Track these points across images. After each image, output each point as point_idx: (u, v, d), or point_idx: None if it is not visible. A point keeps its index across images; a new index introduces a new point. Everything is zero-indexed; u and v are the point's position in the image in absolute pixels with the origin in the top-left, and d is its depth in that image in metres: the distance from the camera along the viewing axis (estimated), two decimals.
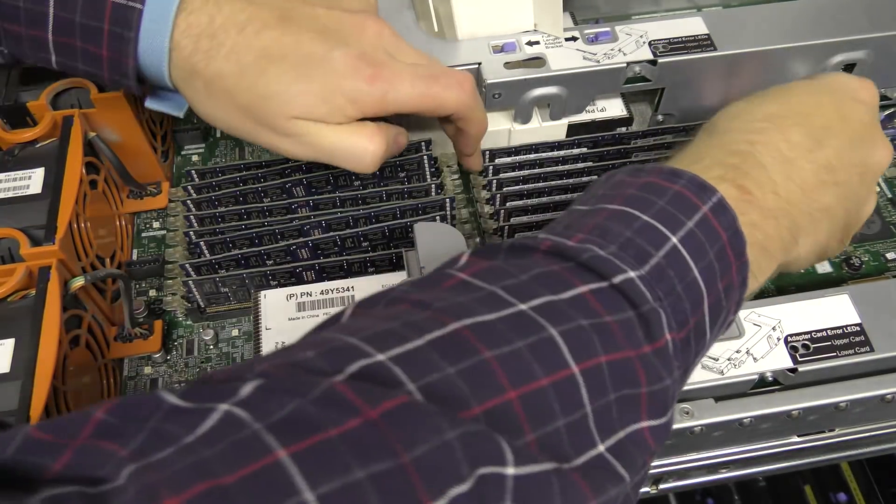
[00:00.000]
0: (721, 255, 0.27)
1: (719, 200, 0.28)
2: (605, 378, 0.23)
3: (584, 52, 0.44)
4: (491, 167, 0.45)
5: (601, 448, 0.23)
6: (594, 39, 0.45)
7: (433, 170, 0.45)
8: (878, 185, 0.49)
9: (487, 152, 0.46)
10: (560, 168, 0.45)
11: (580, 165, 0.45)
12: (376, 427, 0.19)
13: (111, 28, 0.35)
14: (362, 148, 0.36)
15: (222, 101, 0.36)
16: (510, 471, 0.20)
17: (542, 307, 0.24)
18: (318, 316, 0.38)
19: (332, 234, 0.41)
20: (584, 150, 0.46)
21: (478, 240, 0.45)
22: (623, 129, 0.48)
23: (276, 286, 0.41)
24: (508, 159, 0.46)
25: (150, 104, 0.40)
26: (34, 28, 0.35)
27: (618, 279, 0.25)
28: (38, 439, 0.18)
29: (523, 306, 0.23)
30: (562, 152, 0.46)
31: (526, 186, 0.44)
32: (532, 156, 0.46)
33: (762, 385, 0.34)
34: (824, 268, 0.45)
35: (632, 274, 0.25)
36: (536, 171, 0.45)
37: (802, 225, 0.32)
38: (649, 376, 0.24)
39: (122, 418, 0.18)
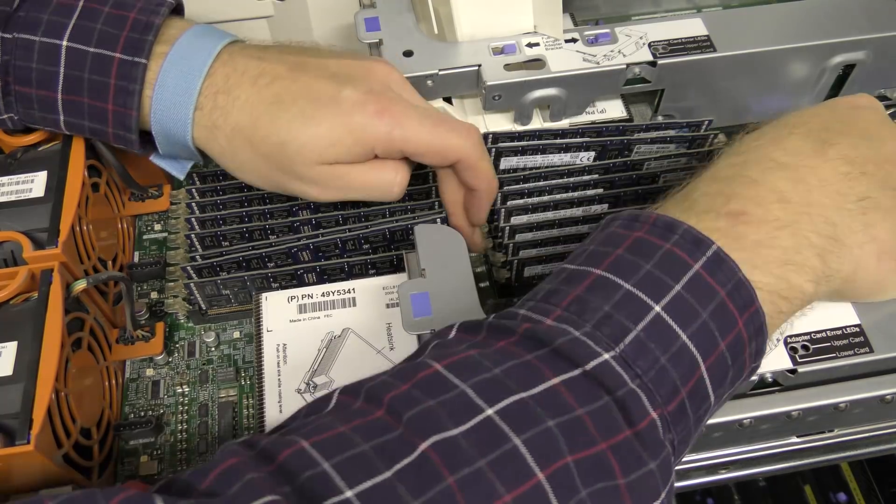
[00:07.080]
0: (719, 311, 0.26)
1: (714, 254, 0.27)
2: (574, 477, 0.23)
3: (584, 53, 0.44)
4: None
5: None
6: (594, 41, 0.45)
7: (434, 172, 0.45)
8: None
9: (490, 136, 0.44)
10: (561, 167, 0.45)
11: (580, 163, 0.45)
12: None
13: (117, 82, 0.36)
14: (388, 181, 0.37)
15: (246, 154, 0.37)
16: None
17: (510, 410, 0.24)
18: (318, 318, 0.39)
19: (333, 236, 0.41)
20: (587, 139, 0.46)
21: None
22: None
23: (277, 288, 0.41)
24: (513, 157, 0.46)
25: (155, 160, 0.41)
26: (45, 88, 0.37)
27: (591, 365, 0.25)
28: None
29: (490, 411, 0.24)
30: (565, 140, 0.46)
31: (527, 185, 0.44)
32: (536, 143, 0.46)
33: (762, 386, 0.34)
34: None
35: (606, 356, 0.25)
36: (537, 170, 0.45)
37: (839, 222, 0.29)
38: (625, 466, 0.24)
39: None
